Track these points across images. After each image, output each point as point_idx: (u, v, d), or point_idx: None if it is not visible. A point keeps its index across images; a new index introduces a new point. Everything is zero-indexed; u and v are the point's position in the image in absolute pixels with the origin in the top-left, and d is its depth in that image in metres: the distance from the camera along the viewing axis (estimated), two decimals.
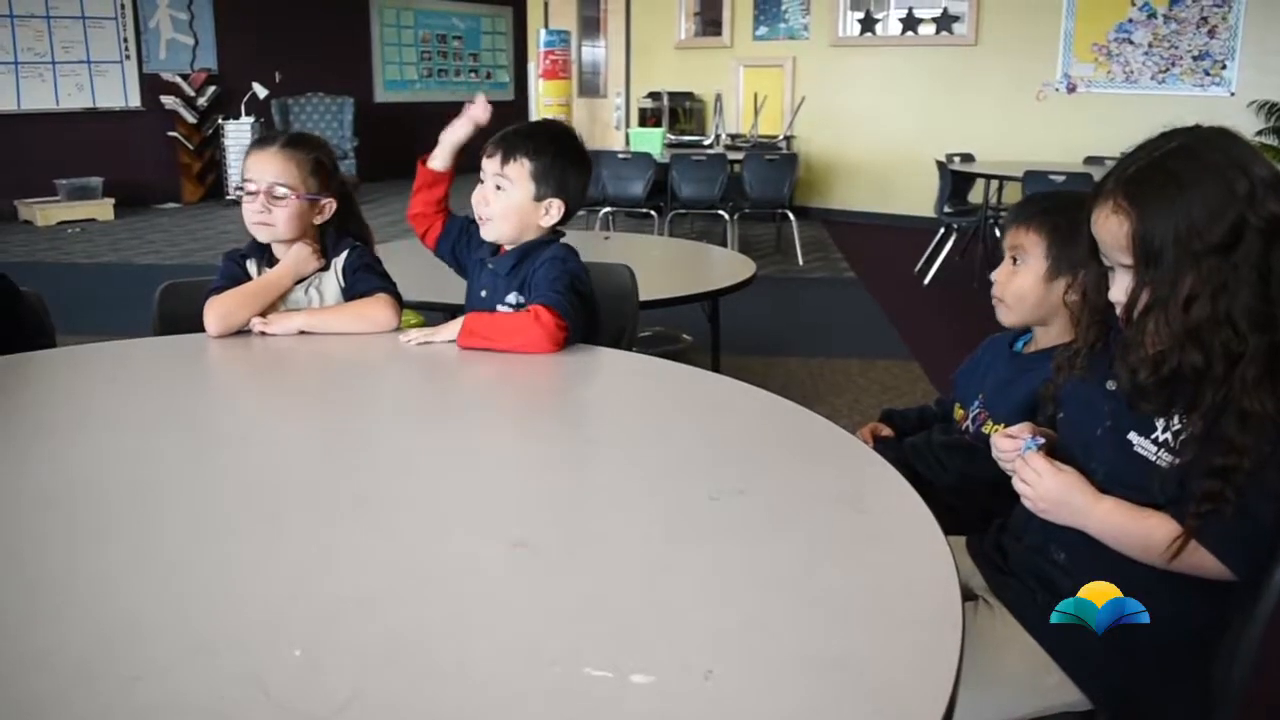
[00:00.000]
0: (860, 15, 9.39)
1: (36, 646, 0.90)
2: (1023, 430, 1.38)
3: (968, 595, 1.46)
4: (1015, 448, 1.36)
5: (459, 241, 2.11)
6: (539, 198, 1.95)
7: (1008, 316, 1.77)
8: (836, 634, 0.93)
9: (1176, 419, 1.25)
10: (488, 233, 1.99)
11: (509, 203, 1.94)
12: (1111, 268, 1.29)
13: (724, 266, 3.90)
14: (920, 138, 8.66)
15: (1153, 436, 1.27)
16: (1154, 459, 1.26)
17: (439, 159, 2.11)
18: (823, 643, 0.91)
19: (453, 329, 1.86)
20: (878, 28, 9.39)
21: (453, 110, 2.17)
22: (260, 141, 2.03)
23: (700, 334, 4.03)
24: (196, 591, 1.01)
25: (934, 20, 9.01)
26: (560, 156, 1.95)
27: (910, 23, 9.13)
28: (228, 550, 1.11)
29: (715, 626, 0.93)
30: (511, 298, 1.95)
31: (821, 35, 9.45)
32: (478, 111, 2.09)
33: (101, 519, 1.19)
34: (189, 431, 1.55)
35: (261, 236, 2.01)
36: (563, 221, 1.99)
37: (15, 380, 1.76)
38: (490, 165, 1.95)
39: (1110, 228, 1.24)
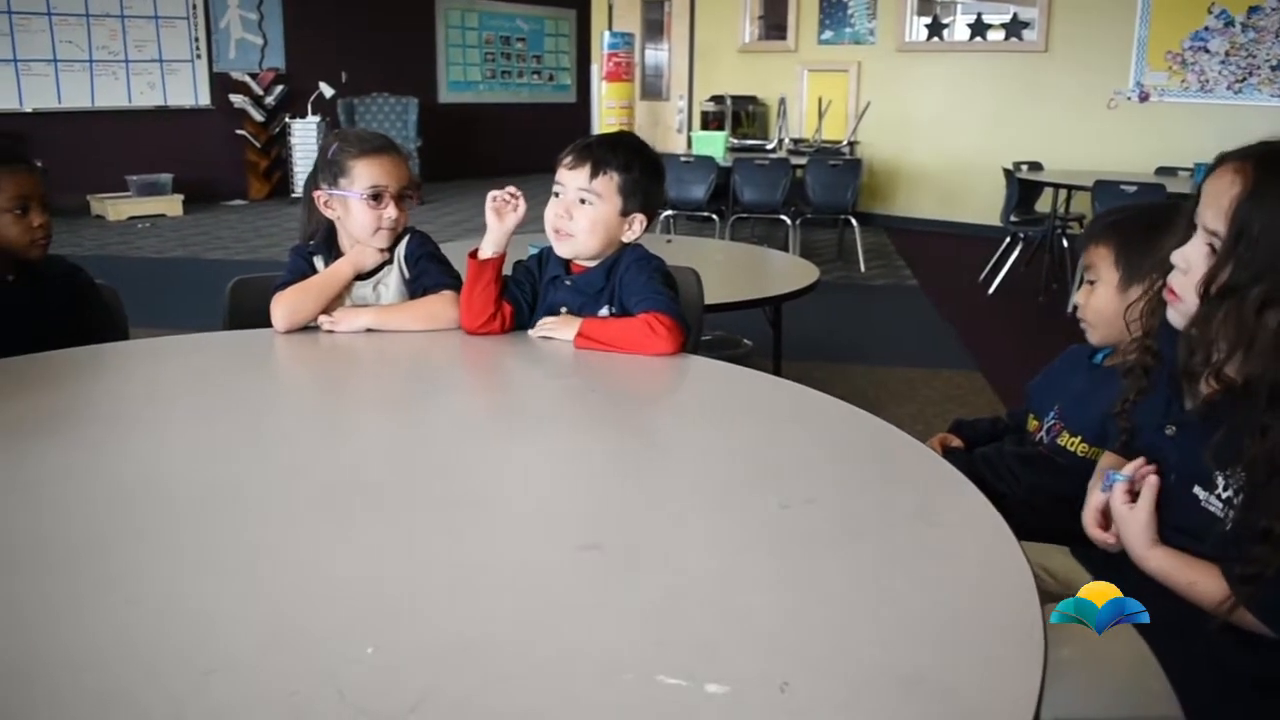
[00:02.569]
0: (927, 20, 9.29)
1: (110, 639, 0.91)
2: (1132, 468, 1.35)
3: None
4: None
5: (526, 287, 1.99)
6: (625, 212, 1.90)
7: (1094, 336, 1.74)
8: (914, 648, 0.90)
9: (1232, 473, 1.21)
10: (567, 249, 1.92)
11: (596, 217, 1.88)
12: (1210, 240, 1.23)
13: (786, 272, 3.87)
14: (987, 145, 8.54)
15: (1215, 492, 1.24)
16: (1219, 514, 1.23)
17: (492, 247, 1.95)
18: (901, 657, 0.89)
19: (570, 329, 1.85)
20: (945, 33, 9.28)
21: (515, 111, 2.16)
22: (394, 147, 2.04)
23: (760, 339, 4.01)
24: (268, 587, 1.01)
25: (1003, 26, 8.88)
26: (645, 171, 1.92)
27: (978, 28, 9.01)
28: (297, 546, 1.11)
29: (790, 637, 0.91)
30: (604, 311, 1.91)
31: (887, 40, 9.36)
32: (523, 204, 1.96)
33: (172, 511, 1.20)
34: (258, 427, 1.56)
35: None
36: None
37: (90, 371, 1.80)
38: (574, 179, 1.89)
39: (1222, 185, 1.19)
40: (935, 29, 9.27)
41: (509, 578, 1.03)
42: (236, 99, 10.62)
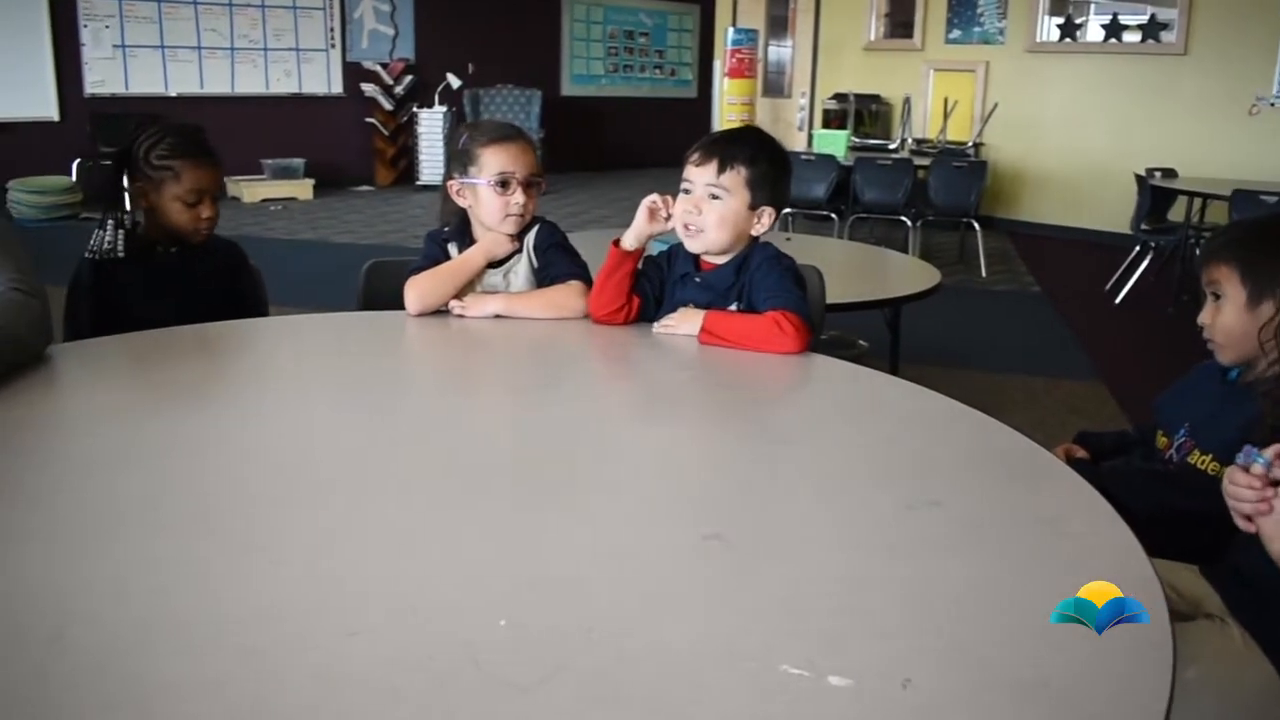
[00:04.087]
0: (1060, 20, 9.04)
1: (257, 599, 0.96)
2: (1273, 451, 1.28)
3: (1203, 614, 1.42)
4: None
5: (655, 281, 2.02)
6: (753, 206, 1.91)
7: (1224, 355, 1.68)
8: (1039, 655, 0.90)
9: None
10: (697, 244, 1.93)
11: (725, 211, 1.89)
12: None
13: (906, 273, 3.83)
14: (1118, 150, 8.28)
15: None
16: None
17: (635, 241, 1.97)
18: (1026, 663, 0.89)
19: (693, 324, 1.87)
20: (1078, 34, 9.02)
21: (635, 105, 2.18)
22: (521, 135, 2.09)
23: (875, 340, 3.97)
24: (404, 557, 1.06)
25: (1139, 28, 8.59)
26: (773, 165, 1.93)
27: (1114, 29, 8.73)
28: (430, 520, 1.16)
29: (913, 636, 0.92)
30: (733, 307, 1.92)
31: (1018, 40, 9.13)
32: (673, 221, 1.95)
33: (313, 480, 1.27)
34: (392, 404, 1.62)
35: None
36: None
37: (240, 344, 1.90)
38: (702, 174, 1.90)
39: None
40: (1068, 29, 9.01)
41: (634, 562, 1.06)
42: (367, 88, 10.92)
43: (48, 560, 1.03)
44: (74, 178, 8.87)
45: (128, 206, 2.16)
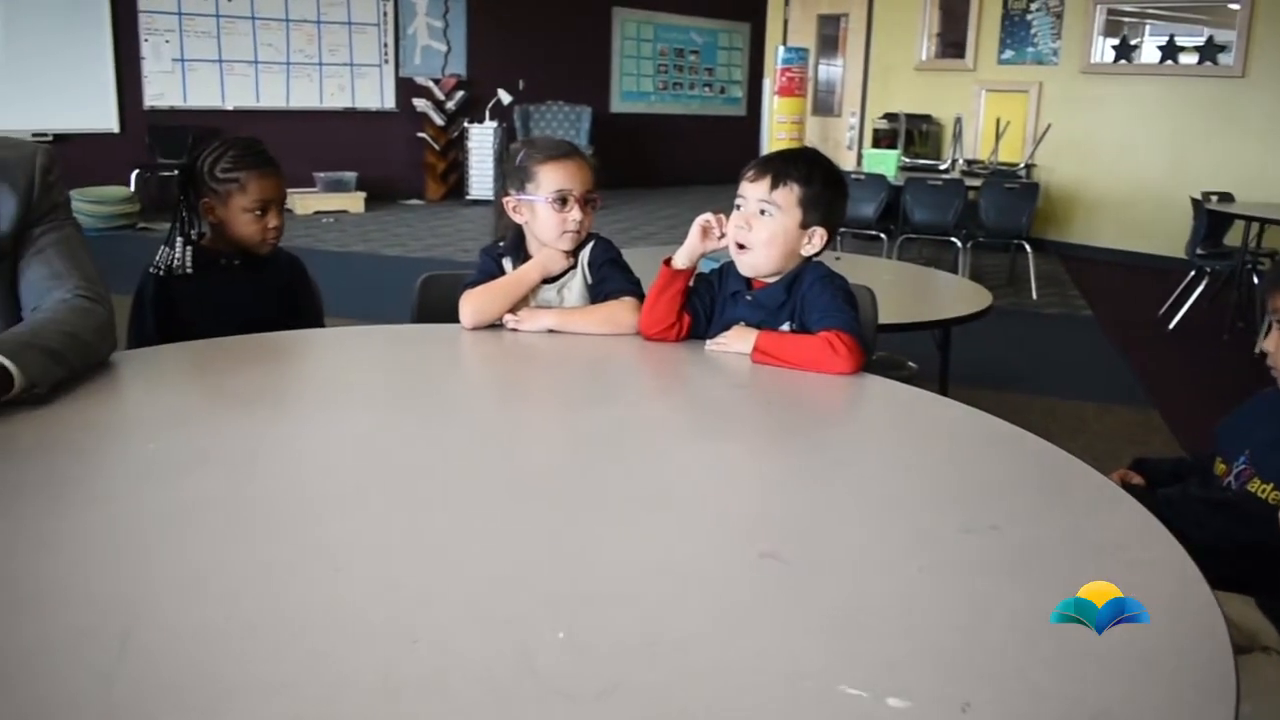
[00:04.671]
0: (1115, 42, 8.96)
1: (320, 604, 0.98)
2: None
3: (1259, 647, 1.41)
4: None
5: (705, 299, 2.02)
6: (805, 225, 1.90)
7: None
8: (1100, 684, 0.89)
9: None
10: (747, 264, 1.93)
11: (775, 228, 1.89)
12: None
13: (956, 295, 3.81)
14: (1174, 173, 8.18)
15: None
16: None
17: (687, 259, 1.98)
18: (1085, 691, 0.88)
19: (745, 342, 1.87)
20: (1133, 55, 8.94)
21: (684, 123, 2.19)
22: (578, 152, 2.11)
23: (924, 361, 3.95)
24: (464, 567, 1.07)
25: (1196, 49, 8.50)
26: (827, 185, 1.92)
27: (1170, 51, 8.64)
28: (487, 529, 1.17)
29: (972, 660, 0.91)
30: (785, 326, 1.92)
31: (1072, 61, 9.07)
32: (726, 240, 1.96)
33: (372, 488, 1.29)
34: (448, 416, 1.64)
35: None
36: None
37: (297, 354, 1.94)
38: (755, 190, 1.90)
39: None
40: (1123, 51, 8.93)
41: (691, 578, 1.06)
42: (419, 103, 11.06)
43: (114, 561, 1.06)
44: (132, 188, 9.06)
45: (191, 223, 2.20)
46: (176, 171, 2.25)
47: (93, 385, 1.60)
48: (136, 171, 9.24)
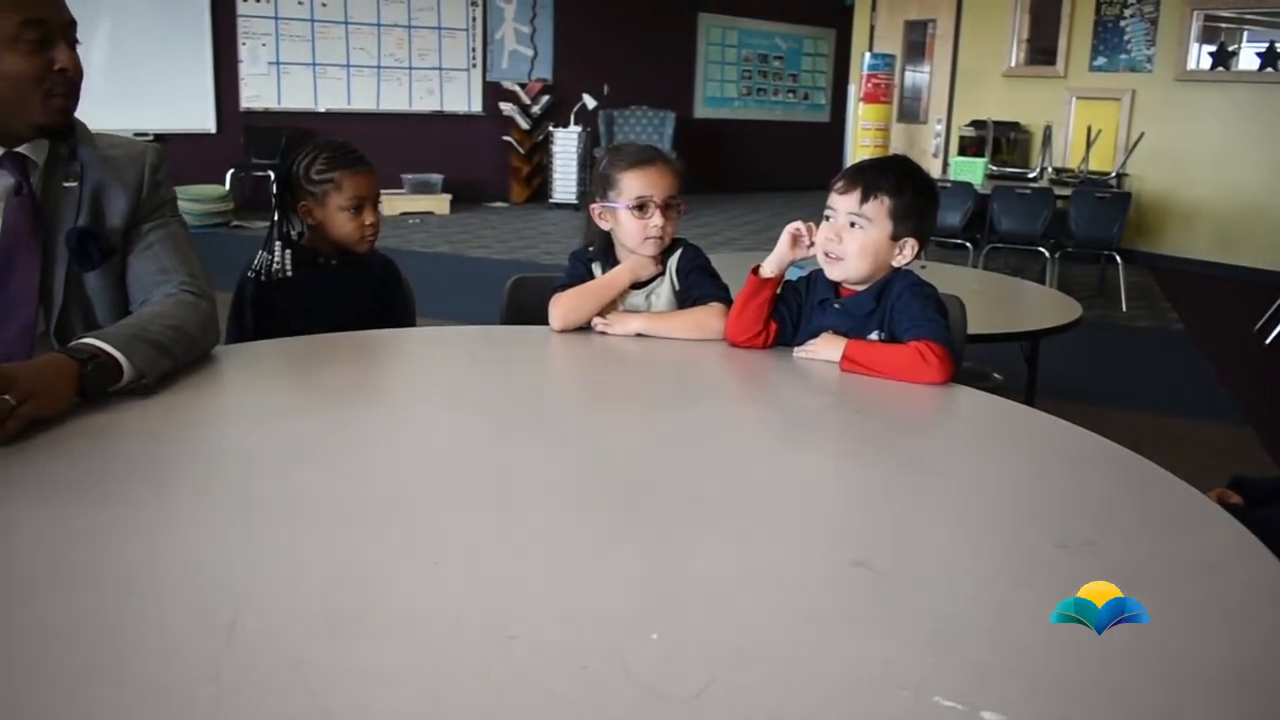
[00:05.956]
0: (1212, 48, 8.72)
1: (418, 598, 1.00)
2: None
3: None
4: None
5: (793, 306, 2.01)
6: (896, 236, 1.89)
7: None
8: (1199, 706, 0.88)
9: None
10: (837, 272, 1.93)
11: (866, 240, 1.88)
12: None
13: (1044, 306, 3.74)
14: (1272, 183, 7.94)
15: None
16: None
17: (775, 267, 1.98)
18: (1182, 711, 0.86)
19: (834, 350, 1.87)
20: (1231, 62, 8.69)
21: (767, 128, 2.18)
22: (660, 158, 2.13)
23: (1010, 373, 3.88)
24: (558, 565, 1.09)
25: None
26: (918, 195, 1.90)
27: (1270, 58, 8.38)
28: (579, 529, 1.19)
29: (1068, 676, 0.90)
30: (873, 336, 1.91)
31: (1166, 68, 8.85)
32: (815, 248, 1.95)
33: (467, 486, 1.32)
34: (538, 417, 1.67)
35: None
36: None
37: (391, 352, 2.00)
38: (845, 202, 1.89)
39: None
40: (1220, 58, 8.69)
41: (782, 584, 1.07)
42: (505, 107, 11.21)
43: (221, 548, 1.10)
44: (227, 187, 9.31)
45: (287, 227, 2.27)
46: (270, 173, 2.32)
47: (196, 377, 1.66)
48: (231, 171, 9.50)
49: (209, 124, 9.78)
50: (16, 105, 1.60)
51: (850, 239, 1.89)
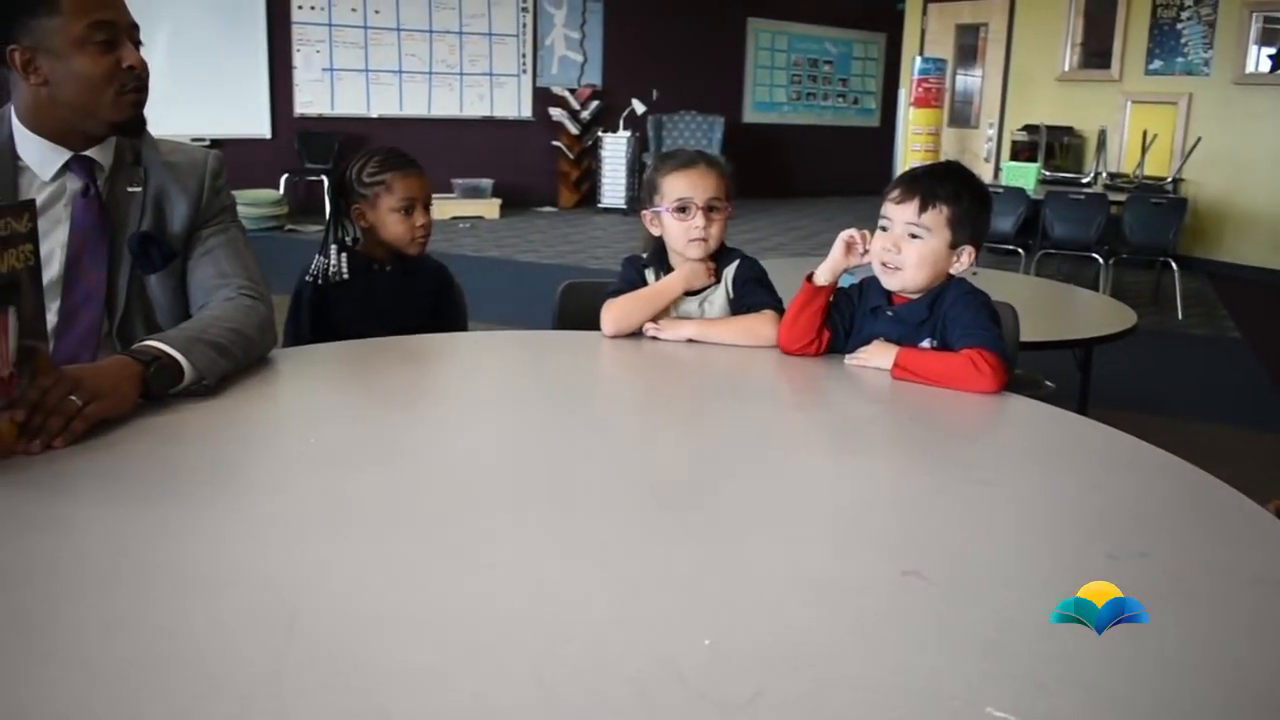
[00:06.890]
0: (1271, 51, 8.57)
1: (467, 600, 1.01)
2: None
3: None
4: None
5: (845, 314, 2.01)
6: (954, 244, 1.88)
7: None
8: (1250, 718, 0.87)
9: None
10: (895, 282, 1.92)
11: (925, 250, 1.87)
12: None
13: (1098, 313, 3.70)
14: None
15: None
16: None
17: (829, 275, 1.97)
18: None
19: (886, 358, 1.87)
20: None
21: (817, 133, 2.18)
22: (702, 160, 2.13)
23: (1062, 381, 3.84)
24: (610, 570, 1.10)
25: None
26: (975, 202, 1.90)
27: None
28: (631, 534, 1.20)
29: (1122, 689, 0.90)
30: (926, 343, 1.90)
31: (1224, 71, 8.70)
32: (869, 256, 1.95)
33: (516, 490, 1.34)
34: (589, 421, 1.68)
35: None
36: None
37: (444, 356, 2.03)
38: (902, 213, 1.89)
39: None
40: None
41: (834, 591, 1.07)
42: (555, 112, 11.27)
43: (280, 548, 1.12)
44: (281, 191, 9.44)
45: (343, 231, 2.31)
46: (323, 178, 2.37)
47: (254, 379, 1.69)
48: (285, 176, 9.63)
49: (264, 129, 9.93)
50: (92, 105, 1.64)
51: (909, 250, 1.88)
